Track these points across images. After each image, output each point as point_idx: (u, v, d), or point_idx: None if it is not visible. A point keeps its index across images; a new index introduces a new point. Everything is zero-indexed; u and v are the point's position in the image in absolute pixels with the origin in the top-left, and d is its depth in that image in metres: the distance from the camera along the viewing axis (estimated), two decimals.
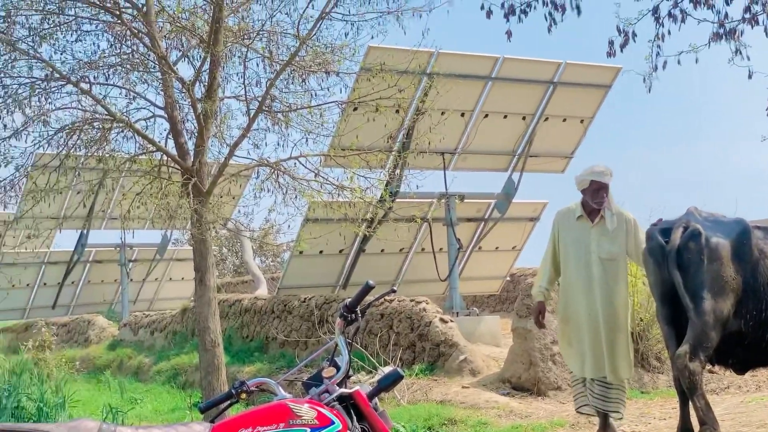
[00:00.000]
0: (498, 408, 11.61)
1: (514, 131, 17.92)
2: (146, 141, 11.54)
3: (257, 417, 3.80)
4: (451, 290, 17.46)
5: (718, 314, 7.20)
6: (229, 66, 11.92)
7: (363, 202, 12.26)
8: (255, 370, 16.47)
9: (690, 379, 7.10)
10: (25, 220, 12.26)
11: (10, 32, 10.91)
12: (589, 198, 8.38)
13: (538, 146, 17.95)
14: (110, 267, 26.84)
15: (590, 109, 18.35)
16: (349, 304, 4.22)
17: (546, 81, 17.46)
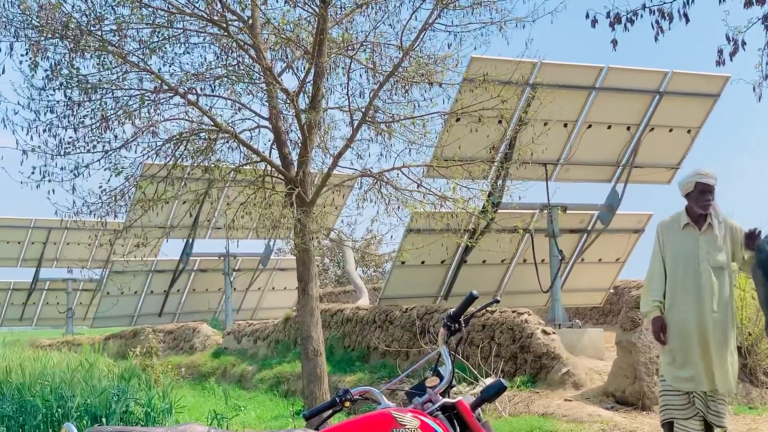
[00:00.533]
0: (601, 422, 11.47)
1: (619, 142, 17.70)
2: (251, 151, 11.73)
3: (361, 425, 3.83)
4: (553, 302, 17.31)
5: None
6: (332, 77, 12.06)
7: (465, 213, 12.27)
8: (356, 379, 16.55)
9: None
10: (134, 229, 12.56)
11: (121, 45, 11.20)
12: (694, 202, 8.10)
13: (643, 157, 17.70)
14: (214, 276, 27.29)
15: (698, 119, 18.02)
16: (453, 314, 4.23)
17: (652, 90, 17.21)
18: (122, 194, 11.72)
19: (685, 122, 17.87)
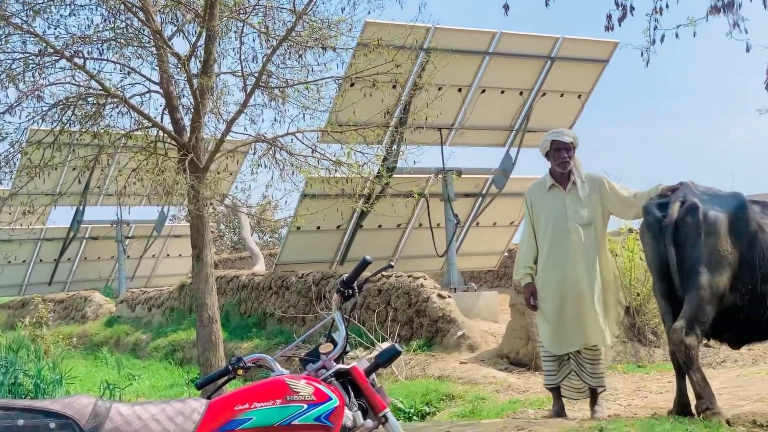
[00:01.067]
0: (496, 383, 11.62)
1: (512, 107, 17.88)
2: (142, 117, 11.49)
3: (254, 393, 3.78)
4: (449, 266, 17.46)
5: (715, 289, 7.17)
6: (225, 41, 11.86)
7: (360, 178, 12.23)
8: (252, 346, 16.49)
9: (686, 353, 7.07)
10: (20, 196, 12.23)
11: (3, 7, 10.84)
12: (552, 161, 8.20)
13: (536, 121, 17.91)
14: (107, 244, 26.84)
15: (588, 84, 18.31)
16: (346, 279, 4.20)
17: (544, 56, 17.40)
18: (6, 161, 11.39)
19: (576, 87, 18.13)
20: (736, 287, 7.30)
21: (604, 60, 18.05)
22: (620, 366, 12.56)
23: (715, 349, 12.63)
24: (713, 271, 7.19)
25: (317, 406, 3.79)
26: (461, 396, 10.78)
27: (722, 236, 7.26)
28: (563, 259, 8.04)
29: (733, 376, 11.01)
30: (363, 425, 3.95)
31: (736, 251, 7.29)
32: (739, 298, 7.33)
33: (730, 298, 7.31)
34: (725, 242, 7.26)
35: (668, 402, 8.15)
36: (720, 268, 7.22)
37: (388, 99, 13.48)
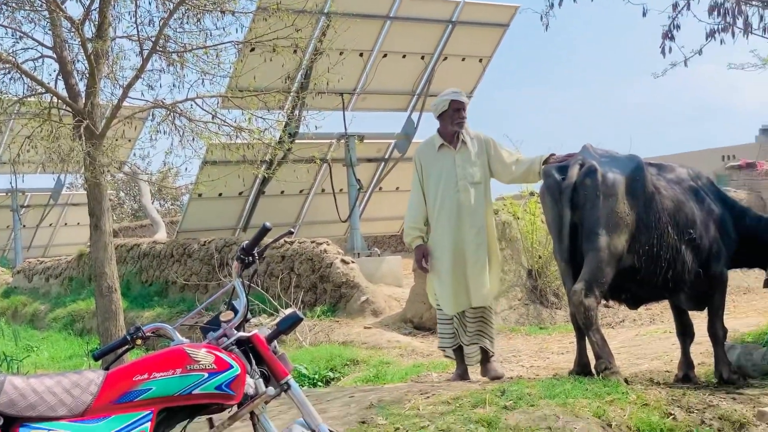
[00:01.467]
0: (400, 347, 11.68)
1: (414, 71, 17.89)
2: (35, 82, 11.19)
3: (153, 363, 3.71)
4: (352, 231, 17.46)
5: (613, 250, 7.27)
6: (119, 5, 11.56)
7: (262, 144, 12.13)
8: (155, 314, 16.31)
9: (585, 314, 7.17)
10: None
11: None
12: (449, 120, 8.14)
13: (438, 86, 17.91)
14: (1, 213, 26.19)
15: (489, 49, 18.40)
16: (246, 246, 4.14)
17: (445, 20, 17.43)
18: None
19: (477, 51, 18.21)
20: (634, 248, 7.42)
21: (505, 24, 18.16)
22: (523, 328, 12.73)
23: (614, 309, 12.88)
24: (612, 233, 7.30)
25: (218, 375, 3.75)
26: (365, 361, 10.82)
27: (620, 198, 7.37)
28: (455, 218, 8.03)
29: (631, 335, 11.24)
30: (265, 393, 3.92)
31: (633, 213, 7.40)
32: (637, 259, 7.45)
33: (627, 259, 7.42)
34: (623, 204, 7.36)
35: (569, 363, 8.27)
36: (618, 229, 7.32)
37: (289, 64, 13.35)
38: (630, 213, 7.38)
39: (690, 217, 7.65)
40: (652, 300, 8.57)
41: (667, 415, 6.12)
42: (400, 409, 6.12)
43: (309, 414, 4.01)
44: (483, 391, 6.47)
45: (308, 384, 10.17)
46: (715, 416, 6.21)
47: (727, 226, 7.95)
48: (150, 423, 3.65)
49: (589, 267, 7.26)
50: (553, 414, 5.87)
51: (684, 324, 8.19)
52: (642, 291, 7.87)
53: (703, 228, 7.72)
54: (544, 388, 6.46)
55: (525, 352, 10.75)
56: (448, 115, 8.17)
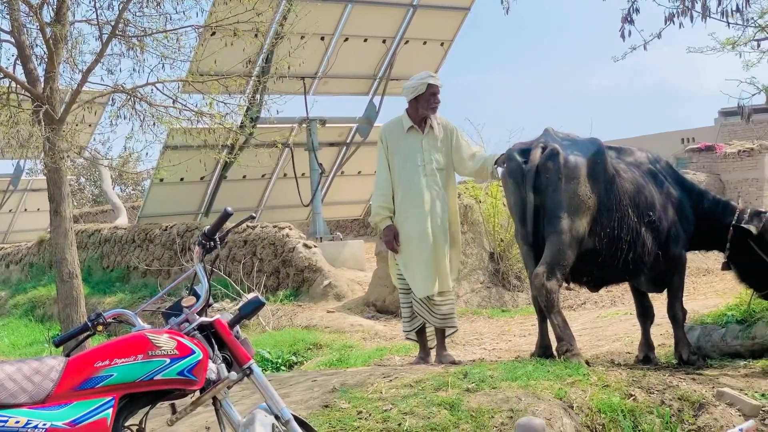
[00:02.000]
0: (363, 331, 11.70)
1: (375, 55, 17.85)
2: None
3: (114, 349, 3.71)
4: (315, 215, 17.43)
5: (575, 233, 7.32)
6: None
7: (223, 128, 12.09)
8: (116, 300, 16.23)
9: (547, 297, 7.23)
10: None
11: None
12: (425, 103, 8.04)
13: (399, 69, 17.91)
14: None
15: (450, 32, 18.39)
16: (207, 231, 4.14)
17: (406, 4, 17.40)
18: None
19: (439, 35, 18.20)
20: (595, 231, 7.48)
21: (466, 8, 18.15)
22: (485, 311, 12.79)
23: (575, 291, 12.97)
24: (573, 216, 7.35)
25: (180, 360, 3.75)
26: (328, 345, 10.83)
27: (582, 181, 7.42)
28: (421, 203, 7.99)
29: (592, 317, 11.33)
30: (227, 378, 3.93)
31: (594, 196, 7.45)
32: (598, 241, 7.51)
33: (588, 241, 7.48)
34: (585, 187, 7.41)
35: (531, 345, 8.33)
36: (580, 212, 7.37)
37: (250, 48, 13.29)
38: (591, 196, 7.44)
39: (649, 200, 7.72)
40: (613, 282, 8.64)
41: (627, 396, 6.19)
42: (362, 393, 6.14)
43: (272, 398, 4.02)
44: (445, 374, 6.51)
45: (271, 368, 10.17)
46: (675, 397, 6.29)
47: (686, 209, 8.04)
48: (112, 409, 3.64)
49: (551, 250, 7.31)
50: (515, 396, 5.92)
51: (644, 306, 8.27)
52: (603, 273, 7.94)
53: (662, 211, 7.80)
54: (506, 371, 6.51)
55: (487, 334, 10.80)
56: (423, 99, 8.08)
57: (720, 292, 11.34)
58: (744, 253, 8.07)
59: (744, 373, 7.23)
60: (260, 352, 10.18)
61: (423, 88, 8.06)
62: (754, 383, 6.77)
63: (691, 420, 6.15)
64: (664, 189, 7.91)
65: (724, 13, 7.36)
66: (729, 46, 8.36)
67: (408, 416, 5.63)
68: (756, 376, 7.04)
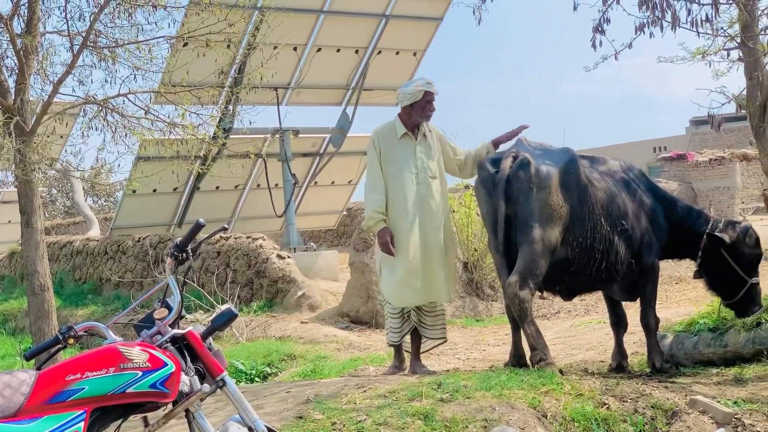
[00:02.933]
0: (337, 342, 11.69)
1: (348, 65, 17.88)
2: None
3: (86, 362, 3.68)
4: (288, 226, 17.41)
5: (547, 242, 7.33)
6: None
7: (196, 139, 12.03)
8: (89, 312, 16.14)
9: (520, 306, 7.22)
10: None
11: None
12: (420, 111, 7.96)
13: (372, 80, 17.96)
14: None
15: (423, 42, 18.44)
16: (180, 243, 4.12)
17: (378, 14, 17.43)
18: None
19: (411, 45, 18.24)
20: (567, 240, 7.49)
21: (439, 18, 18.21)
22: (459, 320, 12.81)
23: (549, 300, 13.01)
24: (545, 225, 7.35)
25: (152, 373, 3.73)
26: (303, 356, 10.81)
27: (554, 191, 7.43)
28: (417, 212, 7.89)
29: (566, 326, 11.37)
30: (200, 390, 3.91)
31: (567, 205, 7.46)
32: (570, 250, 7.52)
33: (561, 251, 7.49)
34: (557, 196, 7.42)
35: (505, 354, 8.34)
36: (552, 222, 7.38)
37: (223, 59, 13.26)
38: (564, 205, 7.45)
39: (622, 209, 7.75)
40: (586, 291, 8.66)
41: (601, 404, 6.20)
42: (337, 404, 6.12)
43: (245, 410, 4.00)
44: (420, 384, 6.50)
45: (245, 380, 10.14)
46: (648, 405, 6.31)
47: (659, 218, 8.08)
48: (83, 423, 3.62)
49: (524, 259, 7.31)
50: (489, 405, 5.92)
51: (617, 314, 8.30)
52: (576, 282, 7.95)
53: (635, 219, 7.83)
54: (480, 380, 6.51)
55: (461, 344, 10.82)
56: (419, 106, 7.99)
57: (692, 301, 11.39)
58: (715, 262, 8.13)
59: (716, 380, 7.26)
60: (234, 364, 10.15)
61: (419, 96, 7.98)
62: (727, 391, 6.80)
63: (665, 428, 6.16)
64: (637, 198, 7.95)
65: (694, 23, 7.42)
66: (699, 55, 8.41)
67: (382, 427, 5.61)
68: (728, 384, 7.07)
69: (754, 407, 6.35)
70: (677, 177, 27.02)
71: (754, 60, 7.66)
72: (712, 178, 26.74)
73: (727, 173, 26.65)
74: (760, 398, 6.52)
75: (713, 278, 8.28)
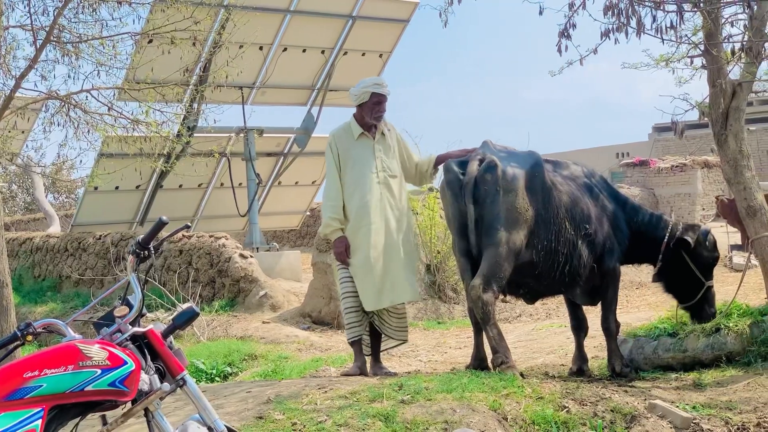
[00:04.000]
0: (298, 342, 11.66)
1: (314, 65, 17.87)
2: None
3: (44, 359, 3.64)
4: (251, 225, 17.37)
5: (512, 246, 7.33)
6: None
7: (159, 137, 11.97)
8: (48, 310, 16.00)
9: (483, 309, 7.22)
10: None
11: None
12: (369, 112, 7.83)
13: (338, 80, 17.95)
14: None
15: (389, 44, 18.46)
16: (142, 240, 4.09)
17: (345, 15, 17.43)
18: None
19: (377, 47, 18.26)
20: (532, 243, 7.50)
21: (405, 20, 18.24)
22: (421, 323, 12.81)
23: (511, 304, 13.05)
24: (511, 229, 7.35)
25: (112, 371, 3.70)
26: (264, 356, 10.77)
27: (519, 194, 7.43)
28: (375, 212, 7.76)
29: (528, 329, 11.40)
30: (160, 389, 3.87)
31: (532, 208, 7.48)
32: (535, 253, 7.53)
33: (526, 254, 7.49)
34: (522, 199, 7.43)
35: (466, 357, 8.35)
36: (517, 225, 7.39)
37: (188, 57, 13.21)
38: (529, 208, 7.46)
39: (586, 213, 7.78)
40: (549, 295, 8.67)
41: (561, 408, 6.22)
42: (297, 404, 6.10)
43: (205, 409, 3.98)
44: (381, 385, 6.49)
45: (205, 379, 10.08)
46: (608, 409, 6.34)
47: (620, 222, 8.13)
48: (41, 420, 3.58)
49: (488, 262, 7.31)
50: (450, 408, 5.92)
51: (578, 318, 8.33)
52: (540, 286, 7.96)
53: (597, 223, 7.86)
54: (441, 383, 6.51)
55: (423, 346, 10.82)
56: (367, 107, 7.89)
57: (652, 305, 11.49)
58: (675, 265, 8.21)
59: (675, 385, 7.31)
60: (194, 363, 10.09)
61: (366, 97, 7.88)
62: (686, 395, 6.85)
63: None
64: (599, 202, 7.99)
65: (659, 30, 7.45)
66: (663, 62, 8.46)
67: (343, 428, 5.60)
68: (687, 389, 7.12)
69: (712, 412, 6.39)
70: (639, 183, 27.21)
71: (717, 68, 7.71)
72: (673, 185, 26.96)
73: (688, 180, 26.88)
74: (718, 403, 6.57)
75: (672, 281, 8.36)
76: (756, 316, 7.97)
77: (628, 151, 40.88)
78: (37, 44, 10.77)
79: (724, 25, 7.88)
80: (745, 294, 10.73)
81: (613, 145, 44.85)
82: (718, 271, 9.08)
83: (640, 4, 7.28)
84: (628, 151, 41.27)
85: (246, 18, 14.17)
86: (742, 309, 8.20)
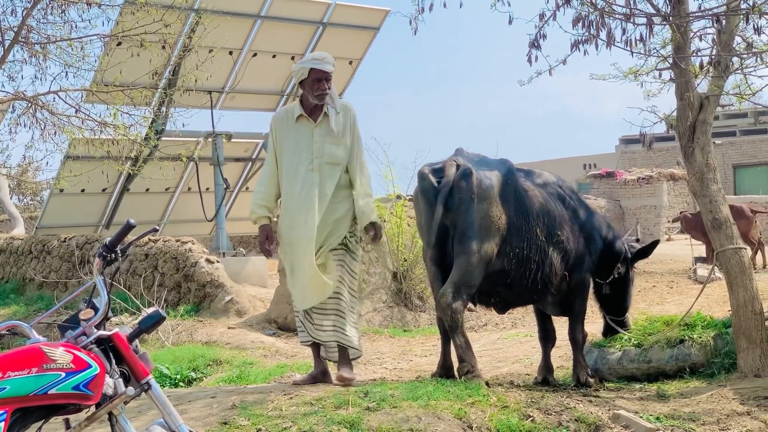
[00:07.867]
0: (264, 348, 11.62)
1: (284, 71, 17.84)
2: None
3: (7, 362, 3.61)
4: (218, 230, 17.31)
5: (483, 254, 7.30)
6: None
7: (127, 140, 11.93)
8: (10, 312, 15.85)
9: (452, 317, 7.20)
10: None
11: None
12: (309, 91, 7.08)
13: None
14: None
15: (359, 51, 18.48)
16: (109, 243, 4.06)
17: (316, 21, 17.43)
18: None
19: (348, 53, 18.27)
20: (504, 251, 7.48)
21: (376, 27, 18.27)
22: (387, 330, 12.81)
23: (477, 312, 13.07)
24: (483, 237, 7.32)
25: (76, 375, 3.67)
26: (229, 361, 10.72)
27: (494, 202, 7.42)
28: (305, 203, 7.05)
29: (493, 338, 11.43)
30: (124, 393, 3.84)
31: (505, 216, 7.46)
32: (507, 261, 7.51)
33: (497, 262, 7.46)
34: (496, 208, 7.42)
35: (432, 365, 8.35)
36: (490, 233, 7.36)
37: (157, 60, 13.16)
38: (502, 216, 7.45)
39: (557, 221, 7.79)
40: (521, 304, 8.68)
41: (525, 417, 6.23)
42: (262, 410, 6.08)
43: (169, 414, 3.95)
44: (346, 392, 6.48)
45: (170, 384, 10.02)
46: (572, 418, 6.35)
47: (593, 232, 8.16)
48: (4, 423, 3.55)
49: (459, 270, 7.28)
50: (415, 415, 5.92)
51: (546, 329, 8.34)
52: (511, 294, 7.94)
53: (569, 232, 7.88)
54: (407, 390, 6.50)
55: (389, 354, 10.81)
56: (307, 85, 7.13)
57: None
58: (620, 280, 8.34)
59: (639, 396, 7.35)
60: (159, 368, 10.02)
61: (305, 74, 7.13)
62: (649, 406, 6.88)
63: None
64: (570, 211, 8.02)
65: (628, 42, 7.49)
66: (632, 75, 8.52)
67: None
68: (651, 399, 7.16)
69: (675, 423, 6.42)
70: (606, 194, 27.38)
71: (685, 81, 7.77)
72: (639, 197, 27.16)
73: (654, 192, 27.08)
74: (681, 414, 6.61)
75: (615, 296, 8.46)
76: (720, 328, 8.05)
77: (595, 163, 41.11)
78: (4, 45, 10.72)
79: (693, 39, 7.95)
80: (709, 306, 10.83)
81: (581, 156, 45.06)
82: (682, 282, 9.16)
83: (610, 16, 7.32)
84: (595, 162, 41.50)
85: (216, 22, 14.14)
86: (706, 321, 8.28)
